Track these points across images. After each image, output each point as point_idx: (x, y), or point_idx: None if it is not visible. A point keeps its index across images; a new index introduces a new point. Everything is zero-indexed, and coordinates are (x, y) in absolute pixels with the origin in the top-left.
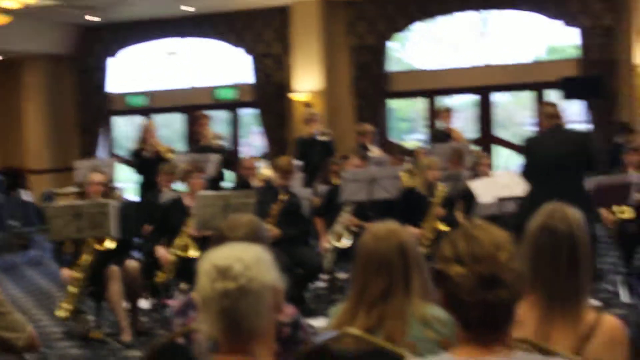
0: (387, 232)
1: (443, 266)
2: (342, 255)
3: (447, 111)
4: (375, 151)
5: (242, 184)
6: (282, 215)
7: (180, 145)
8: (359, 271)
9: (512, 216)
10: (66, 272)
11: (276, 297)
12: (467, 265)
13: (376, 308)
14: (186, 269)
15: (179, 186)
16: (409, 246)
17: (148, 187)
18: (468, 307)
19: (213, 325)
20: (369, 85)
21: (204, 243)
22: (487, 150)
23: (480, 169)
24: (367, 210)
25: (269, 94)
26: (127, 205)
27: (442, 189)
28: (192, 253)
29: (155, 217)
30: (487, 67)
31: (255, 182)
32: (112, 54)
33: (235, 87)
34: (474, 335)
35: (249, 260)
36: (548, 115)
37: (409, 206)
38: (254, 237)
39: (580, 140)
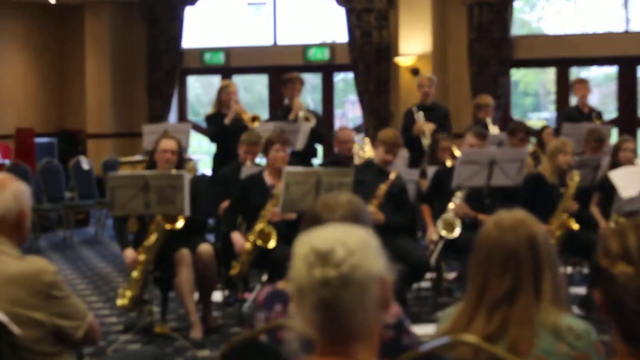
0: (514, 222)
1: (606, 263)
2: (450, 251)
3: (582, 83)
4: (494, 129)
5: (336, 160)
6: (385, 199)
7: (262, 111)
8: (479, 267)
9: None
10: (129, 254)
11: (384, 290)
12: (637, 264)
13: (498, 312)
14: (265, 259)
15: (263, 160)
16: (541, 240)
17: (226, 160)
18: (633, 316)
19: (308, 320)
20: (489, 51)
21: (288, 229)
22: (631, 133)
23: (623, 155)
24: (484, 199)
25: (369, 56)
26: (202, 179)
27: (576, 178)
28: (272, 243)
29: (233, 196)
30: (631, 33)
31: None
32: (190, 1)
33: (329, 46)
34: (637, 350)
35: (353, 244)
36: None
37: (534, 196)
38: (353, 220)
39: None
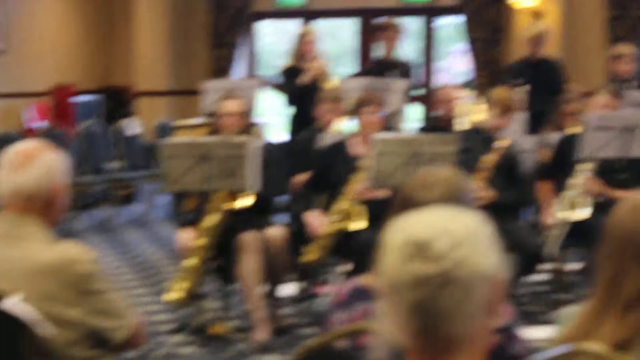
0: None
1: None
2: (574, 238)
3: None
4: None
5: (438, 124)
6: (495, 171)
7: (350, 64)
8: (610, 259)
9: None
10: (184, 238)
11: (494, 292)
12: None
13: (633, 313)
14: (348, 246)
15: (348, 125)
16: None
17: (303, 124)
18: None
19: (400, 324)
20: None
21: (379, 209)
22: None
23: None
24: (618, 173)
25: None
26: (273, 148)
27: None
28: (356, 225)
29: (311, 168)
30: None
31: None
32: None
33: None
34: None
35: (460, 234)
36: None
37: None
38: (455, 199)
39: None
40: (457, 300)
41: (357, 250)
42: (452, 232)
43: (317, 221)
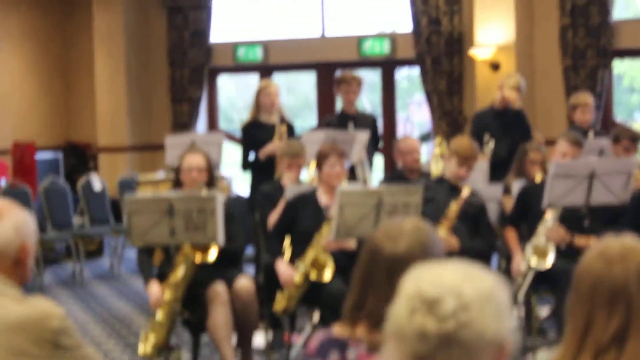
0: (622, 251)
1: None
2: (541, 283)
3: None
4: (591, 134)
5: (399, 174)
6: (460, 220)
7: (309, 117)
8: (581, 305)
9: None
10: (153, 291)
11: (498, 357)
12: None
13: (605, 358)
14: (317, 296)
15: (308, 176)
16: None
17: (267, 175)
18: None
19: None
20: (585, 39)
21: (346, 259)
22: None
23: None
24: (582, 220)
25: (438, 48)
26: (238, 201)
27: None
28: (328, 275)
29: (279, 219)
30: None
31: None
32: None
33: (389, 37)
34: None
35: (469, 296)
36: None
37: None
38: (420, 252)
39: None
40: None
41: (325, 301)
42: (462, 293)
43: (288, 270)
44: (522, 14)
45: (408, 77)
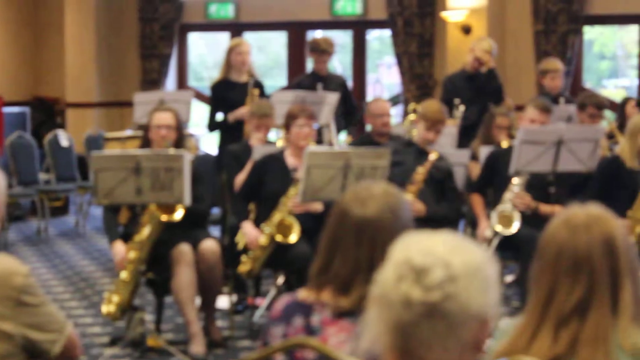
0: (587, 220)
1: None
2: (506, 250)
3: None
4: (562, 100)
5: (368, 138)
6: (427, 185)
7: (280, 77)
8: (544, 274)
9: None
10: (118, 250)
11: (481, 330)
12: None
13: (567, 328)
14: (282, 258)
15: (276, 137)
16: (620, 241)
17: (236, 136)
18: None
19: (381, 336)
20: (558, 4)
21: (313, 222)
22: None
23: None
24: (548, 187)
25: (409, 10)
26: (206, 159)
27: None
28: (293, 237)
29: (246, 179)
30: None
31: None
32: None
33: None
34: None
35: (457, 268)
36: None
37: (610, 184)
38: (390, 216)
39: None
40: (439, 332)
41: (291, 264)
42: (450, 264)
43: (254, 232)
44: None
45: (379, 38)
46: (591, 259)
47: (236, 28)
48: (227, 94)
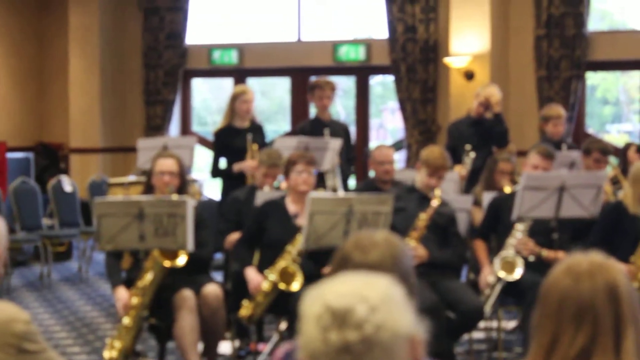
0: (591, 267)
1: None
2: (509, 296)
3: None
4: (564, 147)
5: (371, 184)
6: (430, 231)
7: (283, 122)
8: (547, 321)
9: None
10: (121, 296)
11: (414, 349)
12: None
13: None
14: (286, 304)
15: (279, 183)
16: (622, 289)
17: (238, 182)
18: None
19: None
20: (560, 50)
21: (317, 269)
22: None
23: None
24: (551, 233)
25: (413, 55)
26: (209, 205)
27: None
28: (296, 285)
29: (248, 225)
30: None
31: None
32: None
33: (364, 44)
34: None
35: (376, 298)
36: None
37: (613, 230)
38: (391, 264)
39: None
40: None
41: (293, 310)
42: (368, 298)
43: (256, 278)
44: (498, 23)
45: (382, 83)
46: (594, 307)
47: (239, 74)
48: (230, 140)
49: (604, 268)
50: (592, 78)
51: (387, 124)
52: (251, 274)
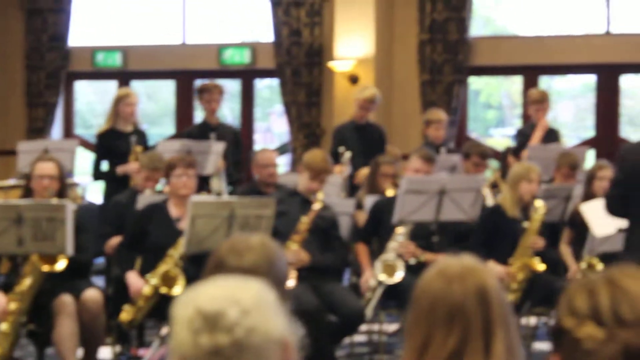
0: (461, 271)
1: (570, 323)
2: (390, 299)
3: (541, 98)
4: (443, 150)
5: (254, 187)
6: (312, 234)
7: (168, 125)
8: (419, 323)
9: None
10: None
11: (286, 354)
12: (608, 327)
13: None
14: (168, 308)
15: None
16: (492, 292)
17: (121, 185)
18: None
19: None
20: (443, 55)
21: (196, 272)
22: (611, 157)
23: (598, 185)
24: (432, 236)
25: (297, 59)
26: (90, 209)
27: (541, 210)
28: (178, 289)
29: (129, 229)
30: (614, 36)
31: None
32: None
33: (249, 47)
34: None
35: (248, 302)
36: None
37: (493, 232)
38: (266, 267)
39: None
40: None
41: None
42: (240, 301)
43: (138, 282)
44: (382, 28)
45: (270, 87)
46: (465, 310)
47: (124, 76)
48: (113, 143)
49: (474, 271)
50: (476, 83)
51: (275, 128)
52: (132, 278)
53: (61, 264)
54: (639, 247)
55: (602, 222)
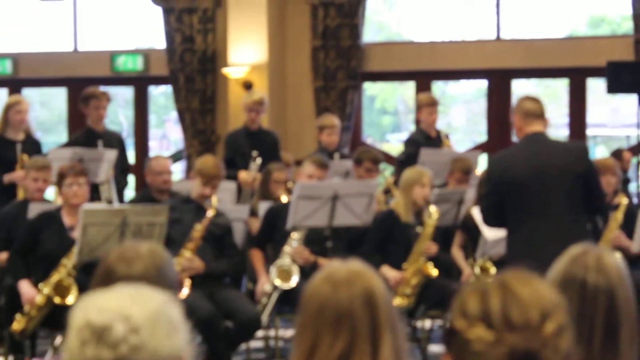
0: (348, 275)
1: (461, 324)
2: (286, 305)
3: (429, 103)
4: (337, 156)
5: (148, 194)
6: (206, 241)
7: (61, 132)
8: (307, 328)
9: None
10: None
11: None
12: (497, 330)
13: None
14: (61, 318)
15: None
16: (379, 296)
17: (11, 194)
18: None
19: None
20: (337, 61)
21: (89, 278)
22: None
23: None
24: (326, 241)
25: (190, 66)
26: None
27: (434, 215)
28: (71, 299)
29: (20, 239)
30: (505, 42)
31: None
32: None
33: (142, 54)
34: None
35: (139, 318)
36: (527, 115)
37: (386, 237)
38: (156, 275)
39: (576, 158)
40: None
41: (67, 324)
42: (130, 317)
43: (30, 291)
44: (275, 34)
45: (165, 94)
46: (352, 314)
47: (14, 84)
48: (2, 151)
49: (361, 276)
50: (371, 88)
51: (170, 135)
52: (25, 287)
53: None
54: (521, 251)
55: None
